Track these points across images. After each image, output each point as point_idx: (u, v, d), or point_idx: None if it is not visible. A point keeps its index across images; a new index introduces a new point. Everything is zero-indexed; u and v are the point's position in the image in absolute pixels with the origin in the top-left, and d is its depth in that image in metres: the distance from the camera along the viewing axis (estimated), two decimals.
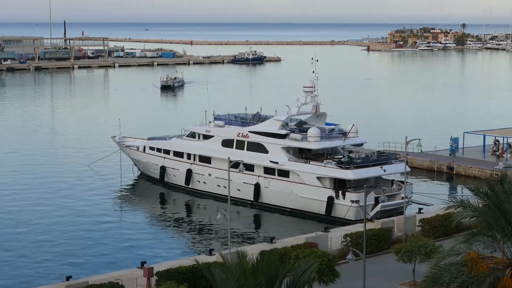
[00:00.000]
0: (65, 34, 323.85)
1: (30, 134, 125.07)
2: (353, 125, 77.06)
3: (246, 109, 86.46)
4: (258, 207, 76.69)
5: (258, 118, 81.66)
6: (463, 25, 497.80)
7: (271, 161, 75.67)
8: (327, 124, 79.93)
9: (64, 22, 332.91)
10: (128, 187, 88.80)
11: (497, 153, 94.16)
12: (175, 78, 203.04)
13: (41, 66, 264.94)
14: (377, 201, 68.81)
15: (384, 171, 72.79)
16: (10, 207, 77.09)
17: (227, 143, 79.85)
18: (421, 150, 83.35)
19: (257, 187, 76.58)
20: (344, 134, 76.89)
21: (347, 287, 46.26)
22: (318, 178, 72.35)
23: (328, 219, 69.81)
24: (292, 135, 75.69)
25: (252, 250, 45.91)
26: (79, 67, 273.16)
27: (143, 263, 50.38)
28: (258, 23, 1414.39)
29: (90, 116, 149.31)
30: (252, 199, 77.05)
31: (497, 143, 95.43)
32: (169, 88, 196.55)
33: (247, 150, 77.81)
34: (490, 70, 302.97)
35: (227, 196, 53.60)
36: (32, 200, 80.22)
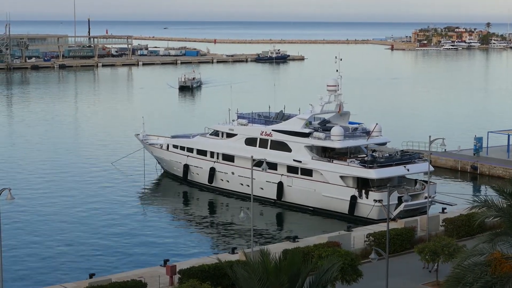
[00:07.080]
0: (89, 32, 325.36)
1: (54, 132, 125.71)
2: (377, 124, 76.78)
3: (269, 107, 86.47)
4: (281, 206, 76.64)
5: (282, 116, 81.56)
6: (488, 24, 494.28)
7: (294, 160, 75.60)
8: (350, 123, 79.75)
9: (88, 20, 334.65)
10: (151, 185, 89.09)
11: None
12: (193, 78, 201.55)
13: (65, 64, 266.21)
14: (400, 200, 68.55)
15: (408, 170, 72.55)
16: (33, 204, 77.51)
17: (250, 141, 79.85)
18: (445, 150, 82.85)
19: (280, 185, 76.53)
20: (367, 133, 76.66)
21: (370, 286, 46.18)
22: (341, 177, 72.20)
23: (351, 218, 69.69)
24: (315, 133, 75.55)
25: (275, 249, 45.96)
26: (103, 65, 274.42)
27: (166, 261, 50.60)
28: (280, 22, 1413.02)
29: (114, 114, 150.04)
30: (275, 198, 77.00)
31: None
32: (187, 89, 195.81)
33: (270, 148, 77.75)
34: None
35: (250, 194, 53.64)
36: (56, 197, 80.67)
